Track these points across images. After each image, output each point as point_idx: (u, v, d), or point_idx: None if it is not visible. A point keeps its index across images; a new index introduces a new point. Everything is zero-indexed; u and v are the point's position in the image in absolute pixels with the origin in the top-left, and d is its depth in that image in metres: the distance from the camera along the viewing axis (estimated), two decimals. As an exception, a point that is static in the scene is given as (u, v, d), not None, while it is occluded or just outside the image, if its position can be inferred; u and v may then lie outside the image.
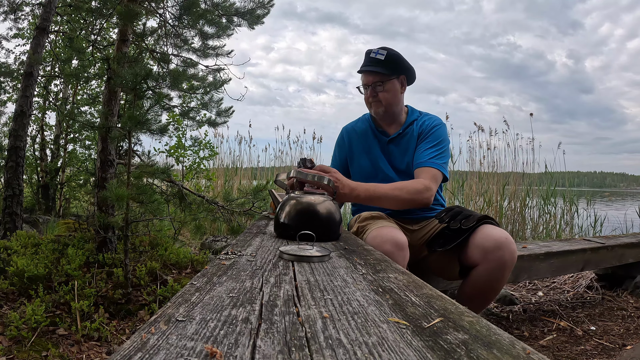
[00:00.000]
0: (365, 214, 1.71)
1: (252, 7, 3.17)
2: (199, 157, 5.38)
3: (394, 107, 1.80)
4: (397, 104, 1.81)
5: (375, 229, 1.48)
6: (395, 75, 1.76)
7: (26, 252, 2.51)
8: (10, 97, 5.46)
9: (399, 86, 1.79)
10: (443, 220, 1.62)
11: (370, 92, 1.77)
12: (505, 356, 0.42)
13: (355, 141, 1.91)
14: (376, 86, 1.75)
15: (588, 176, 37.32)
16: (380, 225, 1.52)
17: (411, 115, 1.85)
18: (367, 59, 1.77)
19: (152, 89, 2.56)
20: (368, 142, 1.87)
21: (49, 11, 3.48)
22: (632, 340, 2.07)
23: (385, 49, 1.74)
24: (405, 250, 1.41)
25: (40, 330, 1.84)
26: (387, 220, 1.66)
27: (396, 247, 1.38)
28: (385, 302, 0.60)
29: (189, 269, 2.74)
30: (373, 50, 1.75)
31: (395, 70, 1.76)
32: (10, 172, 3.26)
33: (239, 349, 0.41)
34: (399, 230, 1.49)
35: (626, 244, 2.60)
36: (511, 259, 1.44)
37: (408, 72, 1.80)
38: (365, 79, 1.79)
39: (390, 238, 1.39)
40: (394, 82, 1.76)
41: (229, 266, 0.79)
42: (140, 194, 2.25)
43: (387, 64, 1.73)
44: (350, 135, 1.93)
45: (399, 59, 1.76)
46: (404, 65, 1.77)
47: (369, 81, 1.77)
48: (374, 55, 1.74)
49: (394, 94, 1.78)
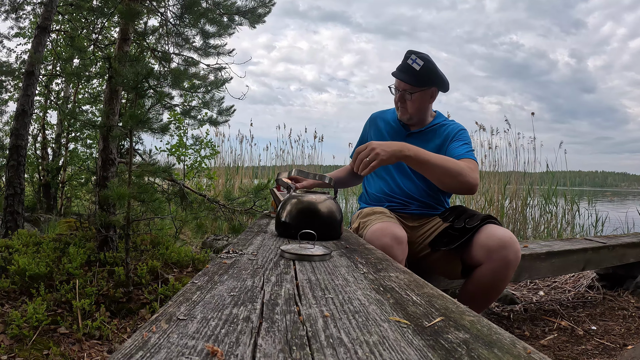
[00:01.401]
0: (367, 210, 1.72)
1: (254, 5, 3.17)
2: (200, 156, 5.38)
3: (420, 115, 1.81)
4: (424, 112, 1.81)
5: (376, 223, 1.49)
6: (427, 87, 1.75)
7: (27, 251, 2.52)
8: (11, 96, 5.47)
9: (429, 97, 1.79)
10: (447, 219, 1.63)
11: (399, 97, 1.78)
12: (506, 355, 0.42)
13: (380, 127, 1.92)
14: (405, 94, 1.76)
15: (589, 176, 37.27)
16: (381, 220, 1.53)
17: (437, 119, 1.86)
18: (404, 64, 1.74)
19: (154, 87, 2.56)
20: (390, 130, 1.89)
21: (50, 10, 3.48)
22: (633, 340, 2.07)
23: (423, 58, 1.70)
24: (404, 245, 1.42)
25: (42, 329, 1.85)
26: (388, 215, 1.66)
27: (395, 241, 1.39)
28: (386, 301, 0.60)
29: (190, 267, 2.74)
30: (412, 54, 1.72)
31: (427, 83, 1.74)
32: (12, 171, 3.26)
33: (240, 347, 0.41)
34: (398, 226, 1.50)
35: (627, 243, 2.59)
36: (515, 259, 1.44)
37: (441, 84, 1.78)
38: (397, 82, 1.79)
39: (390, 232, 1.41)
40: (424, 92, 1.76)
41: (230, 265, 0.79)
42: (141, 192, 2.25)
43: (420, 75, 1.71)
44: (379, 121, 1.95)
45: (434, 72, 1.73)
46: (437, 77, 1.75)
47: (400, 86, 1.77)
48: (411, 63, 1.71)
49: (421, 104, 1.78)
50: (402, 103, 1.78)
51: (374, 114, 2.01)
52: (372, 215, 1.64)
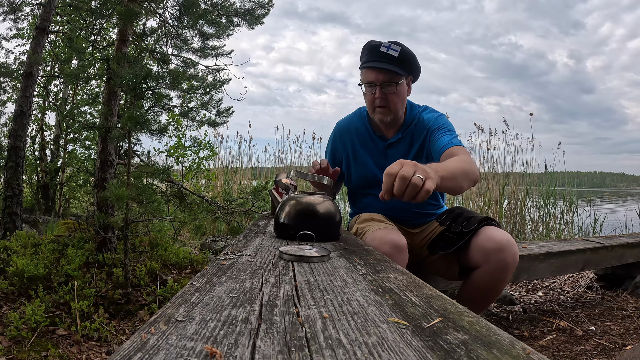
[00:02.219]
0: (365, 215, 1.68)
1: (252, 7, 3.18)
2: (199, 157, 5.38)
3: (400, 113, 1.63)
4: (404, 107, 1.65)
5: (374, 230, 1.46)
6: (407, 75, 1.58)
7: (26, 252, 2.51)
8: (10, 97, 5.46)
9: (407, 88, 1.62)
10: (444, 222, 1.59)
11: (379, 93, 1.55)
12: (505, 356, 0.42)
13: (354, 142, 1.75)
14: (386, 86, 1.54)
15: (588, 176, 37.35)
16: (380, 227, 1.50)
17: (410, 112, 1.69)
18: (376, 53, 1.53)
19: (152, 89, 2.56)
20: (365, 145, 1.73)
21: (49, 11, 3.48)
22: (632, 340, 2.07)
23: (397, 43, 1.52)
24: (404, 252, 1.40)
25: (40, 331, 1.84)
26: (387, 222, 1.62)
27: (395, 249, 1.36)
28: (385, 302, 0.60)
29: (189, 269, 2.74)
30: (384, 43, 1.52)
31: (407, 70, 1.57)
32: (10, 172, 3.26)
33: (239, 349, 0.41)
34: (398, 232, 1.47)
35: (626, 244, 2.60)
36: (513, 261, 1.42)
37: (417, 73, 1.63)
38: (373, 76, 1.55)
39: (389, 240, 1.38)
40: (403, 83, 1.57)
41: (229, 266, 0.79)
42: (140, 194, 2.25)
43: (400, 63, 1.52)
44: (350, 134, 1.76)
45: (413, 58, 1.55)
46: (415, 65, 1.58)
47: (378, 79, 1.53)
48: (386, 50, 1.51)
49: (403, 97, 1.60)
50: (383, 100, 1.56)
51: (341, 125, 1.81)
52: (370, 222, 1.59)
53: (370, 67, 1.54)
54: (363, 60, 1.59)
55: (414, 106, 1.71)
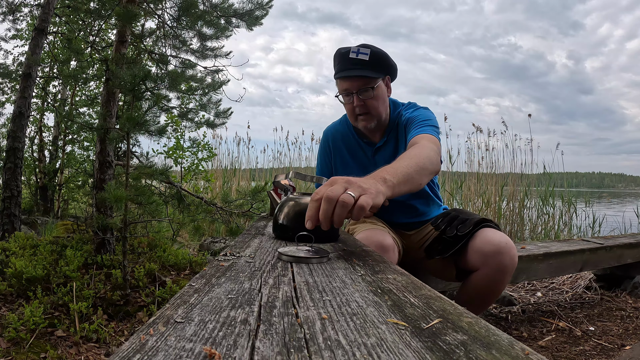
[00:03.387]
0: None
1: (251, 8, 3.18)
2: (198, 159, 5.38)
3: (383, 116, 1.58)
4: (386, 110, 1.59)
5: (362, 231, 1.45)
6: (383, 75, 1.54)
7: (24, 254, 2.51)
8: (8, 99, 5.46)
9: (385, 89, 1.57)
10: (439, 227, 1.58)
11: (357, 101, 1.51)
12: (504, 357, 0.42)
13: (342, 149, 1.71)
14: (362, 92, 1.50)
15: (586, 177, 37.43)
16: (367, 228, 1.48)
17: (393, 112, 1.64)
18: (346, 60, 1.49)
19: (151, 90, 2.56)
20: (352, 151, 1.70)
21: (48, 12, 3.48)
22: (631, 341, 2.07)
23: (366, 46, 1.49)
24: (389, 252, 1.38)
25: (39, 332, 1.84)
26: (376, 223, 1.59)
27: (381, 249, 1.34)
28: (384, 303, 0.60)
29: (188, 270, 2.73)
30: (352, 49, 1.48)
31: (382, 70, 1.53)
32: (9, 173, 3.25)
33: (238, 350, 0.41)
34: (385, 233, 1.44)
35: (624, 244, 2.60)
36: (511, 264, 1.40)
37: (394, 71, 1.58)
38: (347, 84, 1.51)
39: (375, 240, 1.36)
40: (381, 84, 1.53)
41: (228, 267, 0.79)
42: (138, 195, 2.25)
43: (372, 65, 1.48)
44: (337, 141, 1.73)
45: (385, 57, 1.52)
46: (389, 63, 1.54)
47: (353, 87, 1.50)
48: (355, 56, 1.48)
49: (383, 100, 1.56)
50: (363, 107, 1.53)
51: (327, 133, 1.77)
52: (359, 224, 1.58)
53: (343, 77, 1.51)
54: (336, 70, 1.55)
55: (397, 105, 1.66)
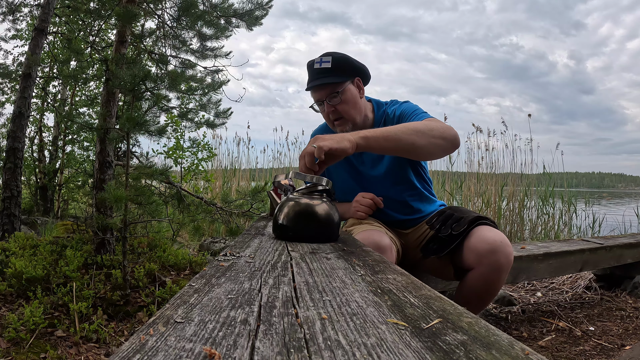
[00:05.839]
0: (352, 220, 1.66)
1: (251, 8, 3.18)
2: (198, 159, 5.38)
3: (358, 118, 1.59)
4: (361, 109, 1.60)
5: (359, 232, 1.45)
6: (349, 79, 1.56)
7: (24, 254, 2.51)
8: (8, 99, 5.46)
9: (356, 90, 1.59)
10: (433, 226, 1.57)
11: (327, 108, 1.56)
12: (504, 357, 0.42)
13: None
14: (331, 98, 1.54)
15: (586, 177, 37.42)
16: (365, 228, 1.48)
17: (378, 112, 1.65)
18: (312, 71, 1.55)
19: (151, 90, 2.56)
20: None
21: (48, 12, 3.48)
22: (631, 341, 2.07)
23: (328, 54, 1.54)
24: (387, 252, 1.38)
25: (39, 332, 1.84)
26: (373, 224, 1.59)
27: (378, 249, 1.34)
28: (384, 303, 0.60)
29: (188, 270, 2.73)
30: (315, 59, 1.54)
31: (347, 74, 1.56)
32: (9, 173, 3.25)
33: (238, 350, 0.41)
34: (382, 233, 1.44)
35: (624, 244, 2.60)
36: (507, 263, 1.39)
37: (362, 72, 1.60)
38: (317, 94, 1.56)
39: (372, 241, 1.36)
40: (349, 88, 1.55)
41: (228, 267, 0.79)
42: (138, 195, 2.25)
43: (336, 71, 1.52)
44: None
45: (348, 61, 1.55)
46: (354, 65, 1.57)
47: (322, 96, 1.55)
48: (319, 65, 1.52)
49: (354, 102, 1.57)
50: (335, 113, 1.56)
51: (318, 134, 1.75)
52: (356, 225, 1.58)
53: (312, 87, 1.56)
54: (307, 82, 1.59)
55: (380, 104, 1.68)
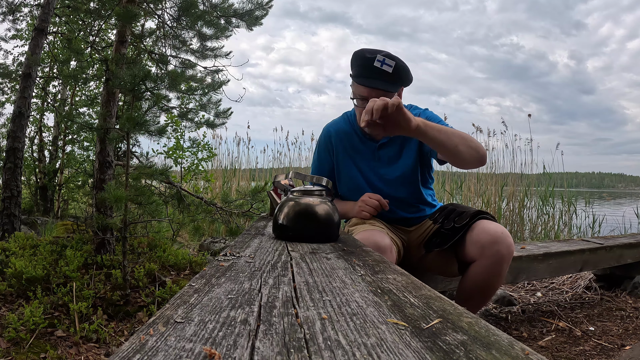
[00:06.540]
0: (355, 220, 1.66)
1: (251, 8, 3.18)
2: (198, 159, 5.38)
3: None
4: None
5: (360, 232, 1.46)
6: (400, 87, 1.57)
7: (24, 254, 2.51)
8: (8, 99, 5.46)
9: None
10: (437, 220, 1.61)
11: None
12: (504, 357, 0.42)
13: (345, 146, 1.72)
14: None
15: (586, 177, 37.42)
16: (365, 228, 1.49)
17: None
18: (369, 68, 1.49)
19: (151, 90, 2.56)
20: (355, 148, 1.70)
21: (48, 12, 3.48)
22: (631, 341, 2.07)
23: (391, 57, 1.48)
24: (387, 253, 1.39)
25: (39, 332, 1.84)
26: (375, 224, 1.60)
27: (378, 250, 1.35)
28: (384, 303, 0.60)
29: (188, 270, 2.73)
30: (377, 57, 1.47)
31: (401, 83, 1.55)
32: (9, 173, 3.25)
33: (238, 350, 0.41)
34: (383, 234, 1.45)
35: (624, 244, 2.60)
36: (508, 253, 1.43)
37: (409, 82, 1.59)
38: (366, 91, 1.52)
39: (372, 241, 1.37)
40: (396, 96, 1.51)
41: (228, 267, 0.79)
42: (138, 195, 2.25)
43: (394, 77, 1.49)
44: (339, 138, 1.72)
45: (407, 71, 1.52)
46: (409, 76, 1.55)
47: (370, 95, 1.48)
48: (380, 65, 1.47)
49: None
50: None
51: (328, 129, 1.77)
52: (358, 225, 1.59)
53: (364, 83, 1.52)
54: (355, 72, 1.55)
55: None
